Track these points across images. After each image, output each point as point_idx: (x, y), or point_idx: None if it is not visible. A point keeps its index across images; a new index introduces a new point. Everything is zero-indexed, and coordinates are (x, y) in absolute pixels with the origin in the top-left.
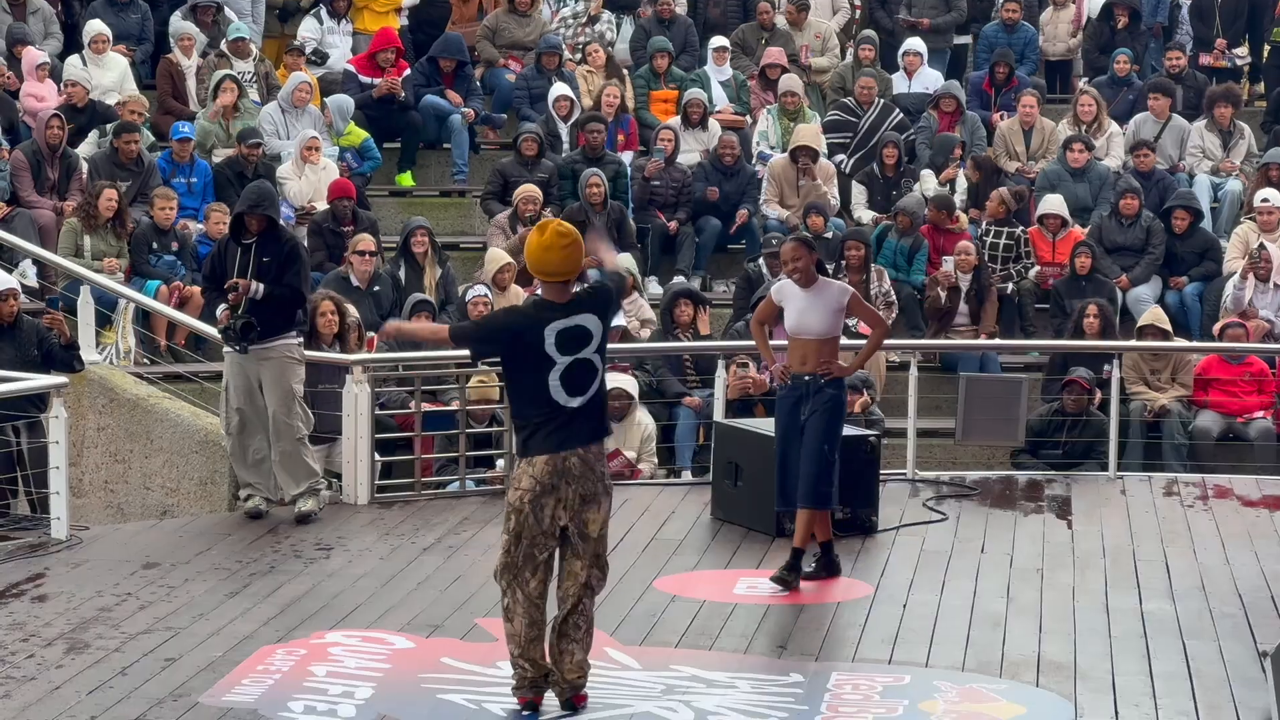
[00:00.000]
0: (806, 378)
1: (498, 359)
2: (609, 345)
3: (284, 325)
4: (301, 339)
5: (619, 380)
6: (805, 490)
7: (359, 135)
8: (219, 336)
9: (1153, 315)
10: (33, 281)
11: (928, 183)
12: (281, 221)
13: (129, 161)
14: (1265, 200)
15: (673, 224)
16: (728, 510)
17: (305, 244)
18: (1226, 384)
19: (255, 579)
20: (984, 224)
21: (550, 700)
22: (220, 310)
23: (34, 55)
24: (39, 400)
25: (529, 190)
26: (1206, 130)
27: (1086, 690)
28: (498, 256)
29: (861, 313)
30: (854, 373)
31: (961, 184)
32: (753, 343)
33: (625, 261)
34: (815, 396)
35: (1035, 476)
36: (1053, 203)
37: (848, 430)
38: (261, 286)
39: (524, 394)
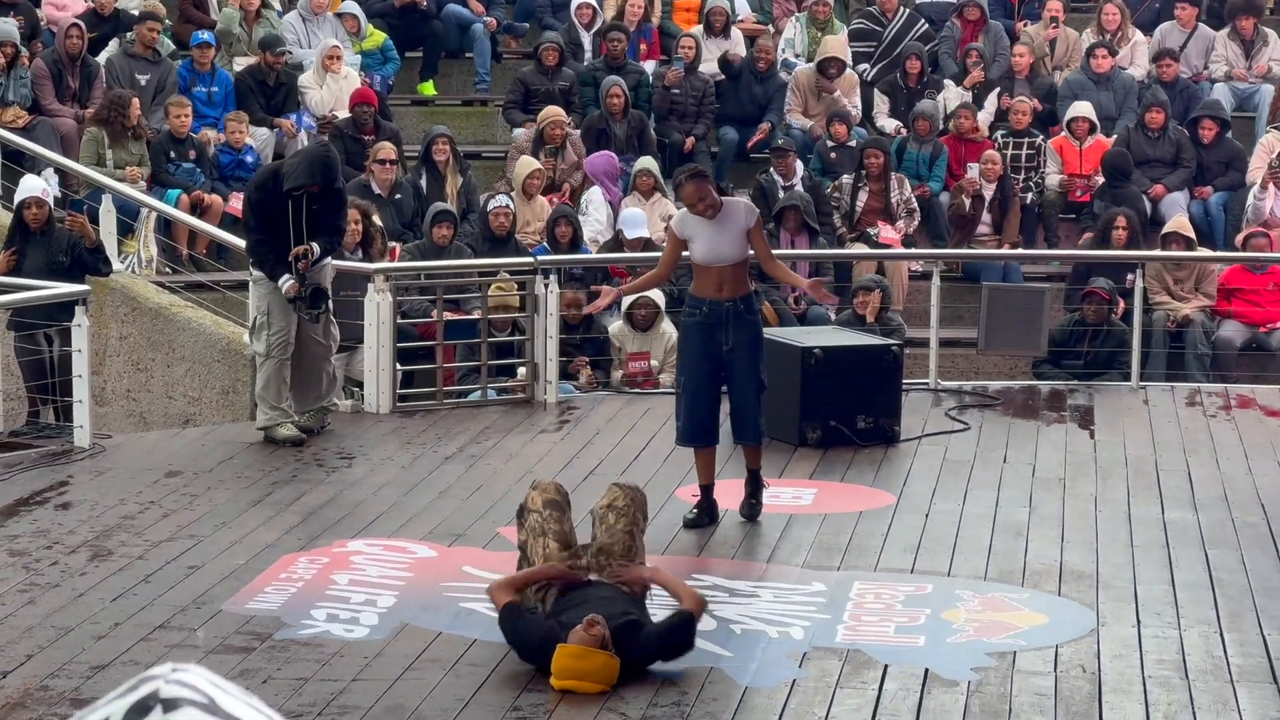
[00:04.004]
0: (726, 304)
1: None
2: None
3: (322, 255)
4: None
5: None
6: (751, 428)
7: (379, 37)
8: (290, 301)
9: (1176, 224)
10: (55, 190)
11: (950, 93)
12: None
13: (147, 53)
14: None
15: (689, 140)
16: None
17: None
18: (1250, 294)
19: (277, 487)
20: (1001, 135)
21: None
22: (288, 284)
23: None
24: (69, 308)
25: (554, 114)
26: (1229, 40)
27: (1108, 599)
28: (526, 163)
29: (758, 242)
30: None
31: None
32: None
33: (646, 163)
34: (736, 325)
35: (1058, 386)
36: (1081, 108)
37: (870, 340)
38: (318, 248)
39: None
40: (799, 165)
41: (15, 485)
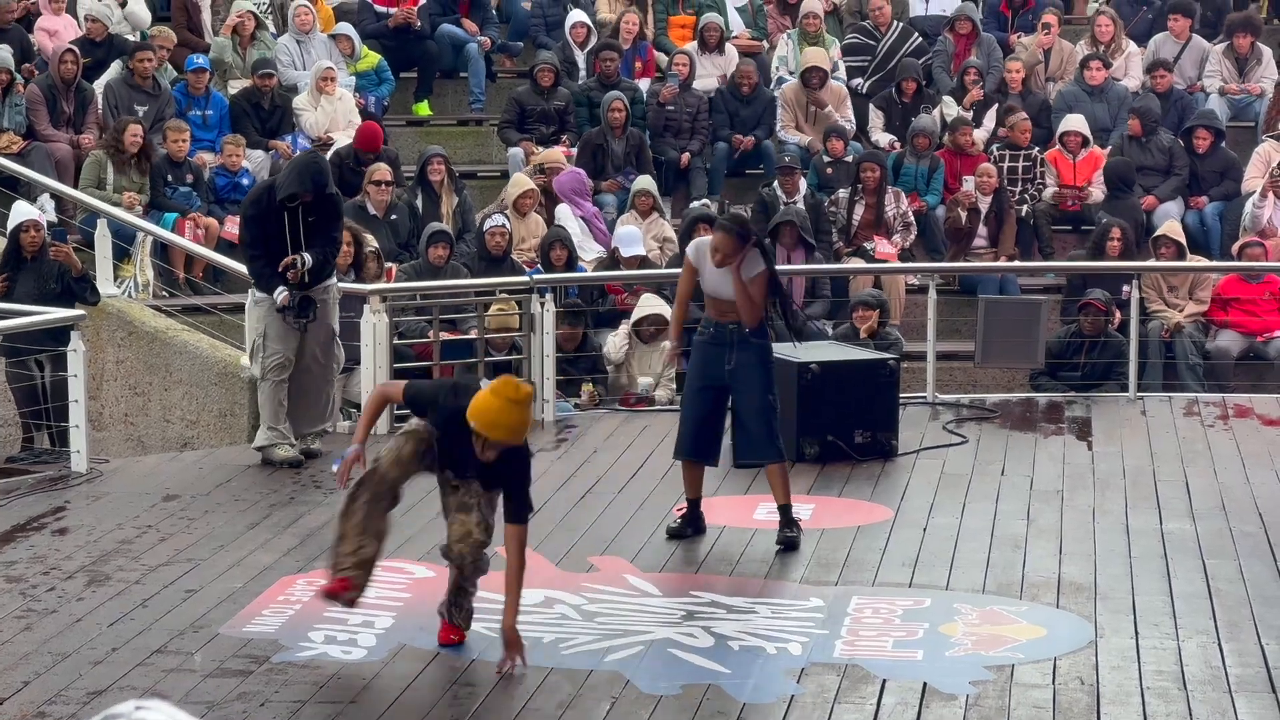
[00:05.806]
0: (730, 325)
1: None
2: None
3: (324, 273)
4: (336, 278)
5: (655, 305)
6: (766, 448)
7: (373, 59)
8: (280, 312)
9: (1167, 228)
10: (51, 216)
11: (950, 109)
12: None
13: (144, 84)
14: None
15: (684, 156)
16: None
17: None
18: (1246, 303)
19: (275, 510)
20: (996, 148)
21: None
22: (281, 295)
23: None
24: (60, 334)
25: (554, 158)
26: (1224, 56)
27: (1106, 611)
28: (520, 181)
29: (751, 289)
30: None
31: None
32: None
33: (645, 183)
34: (740, 347)
35: (1055, 398)
36: (1074, 121)
37: (867, 354)
38: (310, 258)
39: None
40: (802, 183)
41: (12, 511)
